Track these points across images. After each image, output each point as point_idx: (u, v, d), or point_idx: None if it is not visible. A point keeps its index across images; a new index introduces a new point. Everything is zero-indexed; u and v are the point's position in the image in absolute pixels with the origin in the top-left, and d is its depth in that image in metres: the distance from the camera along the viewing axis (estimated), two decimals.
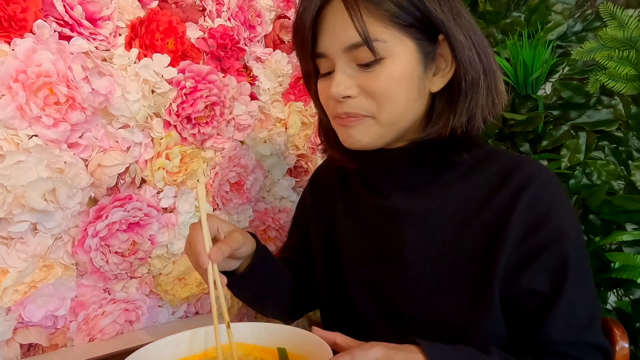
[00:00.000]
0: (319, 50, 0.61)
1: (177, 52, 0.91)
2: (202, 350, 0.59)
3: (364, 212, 0.71)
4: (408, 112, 0.61)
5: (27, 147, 0.72)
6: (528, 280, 0.58)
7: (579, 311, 0.57)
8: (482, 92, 0.60)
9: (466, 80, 0.59)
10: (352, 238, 0.72)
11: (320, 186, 0.84)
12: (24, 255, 0.73)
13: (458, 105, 0.60)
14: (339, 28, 0.58)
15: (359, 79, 0.59)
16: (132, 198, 0.83)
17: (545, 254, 0.57)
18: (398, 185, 0.67)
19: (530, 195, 0.58)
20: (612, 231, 1.00)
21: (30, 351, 0.77)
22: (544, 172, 0.61)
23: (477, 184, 0.63)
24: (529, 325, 0.58)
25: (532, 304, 0.58)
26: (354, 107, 0.61)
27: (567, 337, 0.57)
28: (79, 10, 0.77)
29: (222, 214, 1.01)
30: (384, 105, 0.59)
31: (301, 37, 0.62)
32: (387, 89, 0.58)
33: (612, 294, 1.01)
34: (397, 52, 0.58)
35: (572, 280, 0.57)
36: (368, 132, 0.62)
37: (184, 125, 0.90)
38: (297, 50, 0.65)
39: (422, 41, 0.59)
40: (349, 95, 0.60)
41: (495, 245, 0.59)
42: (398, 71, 0.58)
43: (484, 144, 0.66)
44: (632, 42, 0.96)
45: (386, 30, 0.57)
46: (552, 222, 0.58)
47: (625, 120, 1.01)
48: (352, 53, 0.58)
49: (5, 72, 0.69)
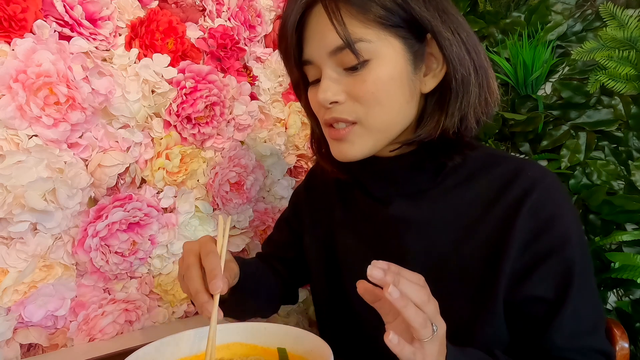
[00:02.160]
0: (305, 57, 0.61)
1: (177, 52, 0.91)
2: (202, 351, 0.59)
3: (364, 220, 0.70)
4: (399, 116, 0.60)
5: (27, 147, 0.72)
6: (532, 287, 0.57)
7: (583, 317, 0.57)
8: (473, 91, 0.59)
9: (456, 78, 0.57)
10: (352, 246, 0.71)
11: (316, 191, 0.82)
12: (24, 255, 0.73)
13: (449, 105, 0.59)
14: (321, 33, 0.57)
15: (346, 83, 0.58)
16: (132, 198, 0.83)
17: (550, 261, 0.57)
18: (398, 192, 0.66)
19: (534, 201, 0.57)
20: (612, 231, 1.00)
21: (30, 351, 0.77)
22: (547, 177, 0.60)
23: (479, 189, 0.62)
24: (533, 332, 0.58)
25: (536, 310, 0.58)
26: (342, 113, 0.59)
27: (571, 344, 0.56)
28: (79, 10, 0.77)
29: (222, 214, 1.01)
30: (372, 110, 0.58)
31: (285, 46, 0.61)
32: (374, 93, 0.57)
33: (612, 294, 1.01)
34: (383, 53, 0.56)
35: (577, 286, 0.56)
36: (358, 143, 0.61)
37: (184, 125, 0.90)
38: (283, 60, 0.64)
39: (409, 40, 0.57)
40: (337, 100, 0.59)
41: (499, 252, 0.58)
42: (385, 73, 0.57)
43: (480, 146, 0.65)
44: (632, 42, 0.96)
45: (370, 31, 0.55)
46: (556, 228, 0.57)
47: (625, 120, 1.01)
48: (337, 57, 0.57)
49: (5, 72, 0.69)
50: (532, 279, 0.57)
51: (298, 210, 0.84)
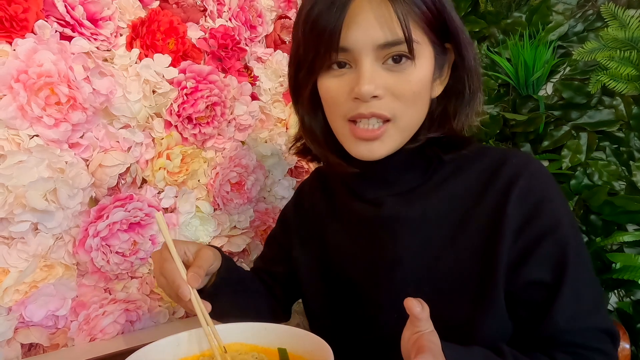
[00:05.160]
0: (342, 44, 0.56)
1: (178, 52, 0.91)
2: (202, 351, 0.59)
3: (356, 224, 0.70)
4: (421, 118, 0.62)
5: (28, 147, 0.72)
6: (529, 272, 0.57)
7: (583, 296, 0.57)
8: (479, 97, 0.63)
9: (470, 88, 0.61)
10: (348, 253, 0.70)
11: (304, 206, 0.80)
12: (25, 255, 0.73)
13: (458, 111, 0.62)
14: (371, 23, 0.55)
15: (387, 79, 0.57)
16: (133, 198, 0.83)
17: (544, 244, 0.57)
18: (389, 192, 0.66)
19: (521, 187, 0.59)
20: (613, 232, 1.00)
21: (31, 351, 0.77)
22: (531, 163, 0.61)
23: (468, 182, 0.63)
24: (535, 318, 0.58)
25: (536, 295, 0.58)
26: (381, 108, 0.57)
27: (575, 324, 0.56)
28: (80, 10, 0.77)
29: (223, 214, 1.01)
30: (410, 109, 0.59)
31: (329, 30, 0.55)
32: (416, 93, 0.58)
33: (613, 295, 1.01)
34: (424, 55, 0.58)
35: (573, 266, 0.56)
36: (388, 142, 0.60)
37: (185, 126, 0.91)
38: (312, 43, 0.58)
39: (437, 46, 0.59)
40: (378, 95, 0.57)
41: (493, 242, 0.58)
42: (426, 74, 0.58)
43: (473, 141, 0.66)
44: (633, 42, 0.96)
45: (418, 32, 0.56)
46: (546, 212, 0.58)
47: (627, 120, 1.01)
48: (383, 51, 0.56)
49: (7, 72, 0.69)
50: (528, 264, 0.57)
51: (286, 227, 0.82)
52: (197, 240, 0.97)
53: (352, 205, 0.70)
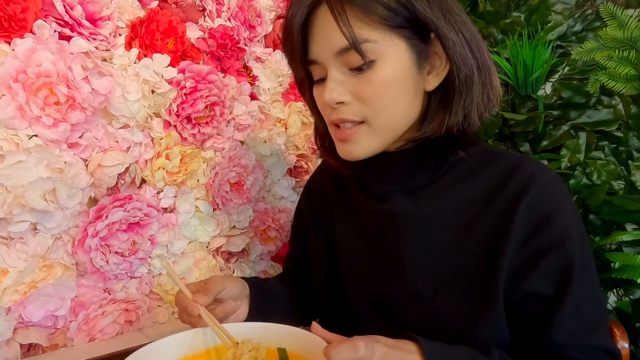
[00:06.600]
0: (310, 57, 0.61)
1: (177, 52, 0.91)
2: (202, 350, 0.59)
3: (363, 217, 0.71)
4: (404, 115, 0.61)
5: (27, 147, 0.72)
6: (532, 283, 0.57)
7: (584, 314, 0.56)
8: (476, 89, 0.59)
9: (459, 78, 0.58)
10: (350, 242, 0.71)
11: (315, 193, 0.83)
12: (24, 255, 0.73)
13: (453, 104, 0.59)
14: (327, 33, 0.57)
15: (351, 84, 0.59)
16: (132, 198, 0.83)
17: (549, 256, 0.56)
18: (398, 188, 0.66)
19: (533, 196, 0.57)
20: (612, 231, 1.00)
21: (30, 351, 0.76)
22: (546, 172, 0.60)
23: (478, 186, 0.62)
24: (534, 330, 0.57)
25: (536, 307, 0.57)
26: (347, 113, 0.60)
27: (573, 341, 0.56)
28: (79, 10, 0.77)
29: (222, 214, 1.01)
30: (378, 110, 0.59)
31: (291, 45, 0.61)
32: (380, 94, 0.58)
33: (612, 294, 1.01)
34: (388, 54, 0.57)
35: (577, 282, 0.56)
36: (364, 143, 0.61)
37: (184, 125, 0.90)
38: (287, 59, 0.64)
39: (413, 40, 0.57)
40: (342, 101, 0.59)
41: (498, 248, 0.58)
42: (391, 73, 0.57)
43: (481, 142, 0.65)
44: (632, 42, 0.96)
45: (375, 32, 0.56)
46: (555, 224, 0.57)
47: (625, 120, 1.01)
48: (343, 57, 0.57)
49: (5, 72, 0.69)
50: (531, 275, 0.57)
51: (301, 216, 0.85)
52: (196, 240, 0.97)
53: (360, 196, 0.71)
